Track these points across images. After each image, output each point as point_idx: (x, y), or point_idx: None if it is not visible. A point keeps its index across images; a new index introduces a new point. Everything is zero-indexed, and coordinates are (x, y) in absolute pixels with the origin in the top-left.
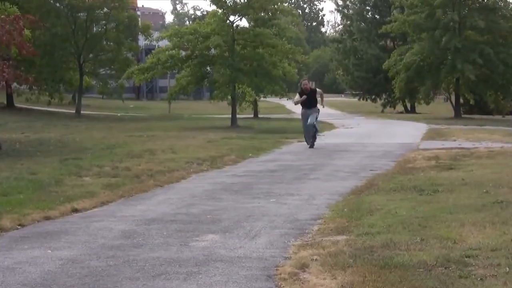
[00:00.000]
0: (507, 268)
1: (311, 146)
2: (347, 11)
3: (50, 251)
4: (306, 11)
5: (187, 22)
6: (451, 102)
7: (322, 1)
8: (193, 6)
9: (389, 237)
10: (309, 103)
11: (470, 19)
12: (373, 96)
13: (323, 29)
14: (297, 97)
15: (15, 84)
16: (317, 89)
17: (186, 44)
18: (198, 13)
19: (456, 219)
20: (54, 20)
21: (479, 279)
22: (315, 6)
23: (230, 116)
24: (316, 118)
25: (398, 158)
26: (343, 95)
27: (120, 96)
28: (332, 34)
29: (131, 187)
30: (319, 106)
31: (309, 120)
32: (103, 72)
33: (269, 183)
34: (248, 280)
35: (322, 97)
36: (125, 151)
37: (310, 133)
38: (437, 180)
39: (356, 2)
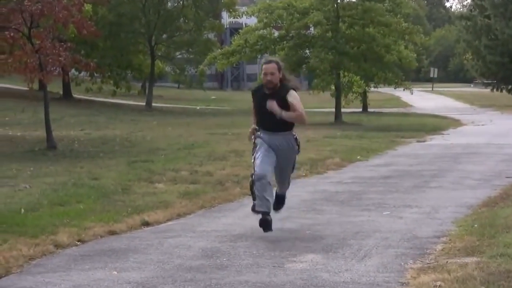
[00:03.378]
0: None
1: (266, 218)
2: None
3: (115, 273)
4: None
5: None
6: None
7: None
8: None
9: None
10: (271, 122)
11: None
12: (510, 86)
13: (447, 4)
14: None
15: (73, 70)
16: (293, 88)
17: (279, 22)
18: None
19: None
20: None
21: None
22: None
23: (333, 110)
24: (293, 168)
25: None
26: (472, 85)
27: (200, 85)
28: (459, 9)
29: (214, 195)
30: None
31: (279, 178)
32: (179, 56)
33: (381, 192)
34: None
35: (297, 113)
36: (206, 152)
37: (268, 191)
38: None
39: None
